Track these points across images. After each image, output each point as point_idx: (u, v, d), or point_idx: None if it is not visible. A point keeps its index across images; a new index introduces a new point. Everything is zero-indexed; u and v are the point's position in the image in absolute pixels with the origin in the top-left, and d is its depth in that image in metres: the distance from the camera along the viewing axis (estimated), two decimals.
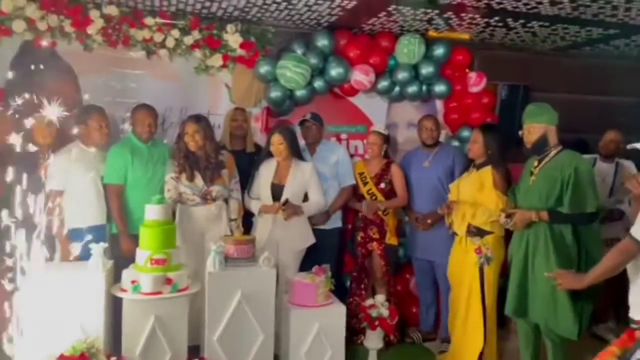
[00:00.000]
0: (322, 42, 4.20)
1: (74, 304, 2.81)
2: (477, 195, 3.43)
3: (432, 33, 4.38)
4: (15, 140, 2.94)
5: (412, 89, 4.42)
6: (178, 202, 3.48)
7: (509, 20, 3.98)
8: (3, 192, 3.07)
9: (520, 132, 3.18)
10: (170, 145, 3.73)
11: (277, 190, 3.60)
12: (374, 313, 3.46)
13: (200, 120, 3.51)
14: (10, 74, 3.47)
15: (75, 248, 3.19)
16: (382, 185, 3.94)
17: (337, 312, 3.23)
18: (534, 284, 3.06)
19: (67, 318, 2.78)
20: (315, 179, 3.64)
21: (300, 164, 3.65)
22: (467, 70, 4.56)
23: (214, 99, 4.22)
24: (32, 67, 3.66)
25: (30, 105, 3.11)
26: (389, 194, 3.94)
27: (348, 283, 4.02)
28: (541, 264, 3.01)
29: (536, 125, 3.09)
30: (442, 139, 4.29)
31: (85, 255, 3.13)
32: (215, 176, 3.50)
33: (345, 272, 4.21)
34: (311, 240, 3.63)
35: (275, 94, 4.15)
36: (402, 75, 4.33)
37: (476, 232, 3.41)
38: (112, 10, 3.77)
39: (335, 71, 4.16)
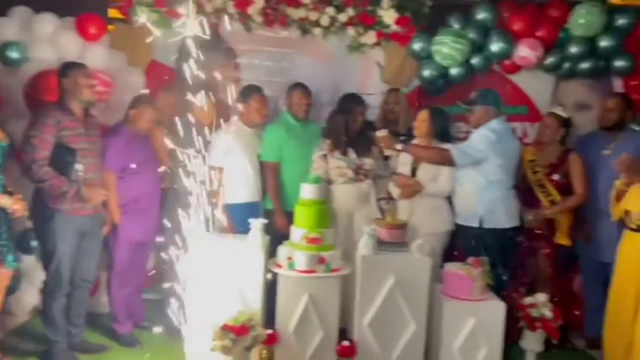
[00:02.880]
0: (483, 14, 3.89)
1: (234, 276, 2.92)
2: None
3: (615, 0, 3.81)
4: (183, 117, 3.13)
5: (586, 65, 3.92)
6: (326, 182, 3.47)
7: None
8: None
9: None
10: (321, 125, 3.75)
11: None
12: (534, 313, 3.14)
13: (363, 101, 3.58)
14: (178, 55, 3.71)
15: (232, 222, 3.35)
16: (556, 176, 3.49)
17: (496, 308, 3.00)
18: None
19: (228, 288, 2.90)
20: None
21: (438, 145, 3.42)
22: None
23: (365, 78, 4.14)
24: (198, 48, 3.86)
25: (197, 85, 3.28)
26: (563, 187, 3.49)
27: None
28: None
29: None
30: None
31: (238, 230, 3.26)
32: (366, 151, 3.49)
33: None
34: (450, 225, 3.41)
35: (428, 72, 3.94)
36: (575, 49, 3.85)
37: None
38: None
39: (497, 46, 3.83)
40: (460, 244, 3.46)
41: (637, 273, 3.05)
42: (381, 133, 3.36)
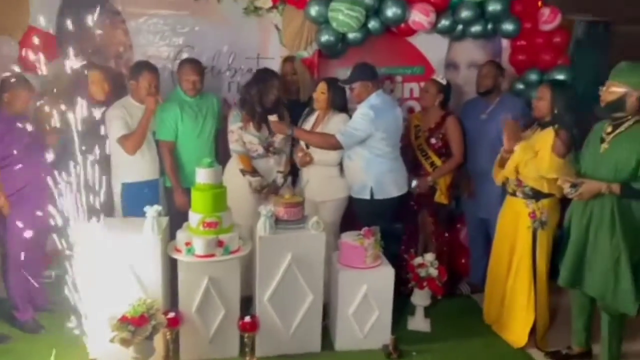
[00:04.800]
0: None
1: (132, 262, 2.92)
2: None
3: None
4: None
5: (476, 28, 4.06)
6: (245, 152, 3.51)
7: None
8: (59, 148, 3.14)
9: (600, 88, 2.89)
10: (218, 96, 3.72)
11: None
12: (422, 273, 3.43)
13: (278, 76, 3.55)
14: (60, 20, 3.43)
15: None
16: (433, 140, 3.73)
17: (386, 274, 3.23)
18: (594, 258, 2.94)
19: (126, 276, 2.91)
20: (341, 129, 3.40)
21: (334, 116, 3.51)
22: (539, 4, 4.10)
23: (264, 42, 4.02)
24: (81, 12, 3.55)
25: (84, 54, 3.02)
26: (441, 150, 3.74)
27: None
28: (605, 238, 2.87)
29: (618, 84, 2.80)
30: (506, 81, 3.98)
31: (133, 209, 3.23)
32: None
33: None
34: (344, 192, 3.55)
35: (326, 37, 3.90)
36: (465, 13, 3.95)
37: (532, 194, 3.22)
38: None
39: (391, 11, 3.83)
40: (355, 213, 3.64)
41: (512, 232, 3.36)
42: (273, 118, 3.36)
